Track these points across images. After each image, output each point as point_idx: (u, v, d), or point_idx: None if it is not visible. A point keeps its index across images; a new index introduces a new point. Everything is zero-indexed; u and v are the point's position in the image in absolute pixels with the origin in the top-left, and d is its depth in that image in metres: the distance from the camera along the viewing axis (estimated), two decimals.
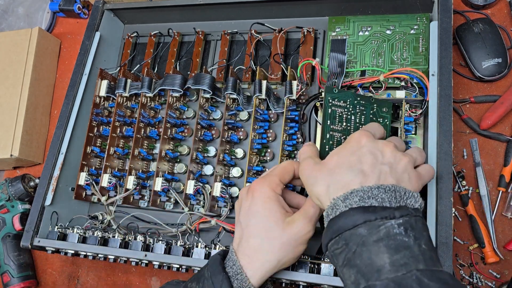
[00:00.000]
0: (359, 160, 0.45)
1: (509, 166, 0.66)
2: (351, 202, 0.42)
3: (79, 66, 0.79)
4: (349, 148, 0.47)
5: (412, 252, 0.39)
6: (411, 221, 0.41)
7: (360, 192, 0.42)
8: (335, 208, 0.43)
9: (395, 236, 0.40)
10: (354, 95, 0.57)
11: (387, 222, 0.40)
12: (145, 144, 0.74)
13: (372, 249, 0.40)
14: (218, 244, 0.63)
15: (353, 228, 0.41)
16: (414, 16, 0.68)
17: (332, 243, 0.43)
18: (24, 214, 0.83)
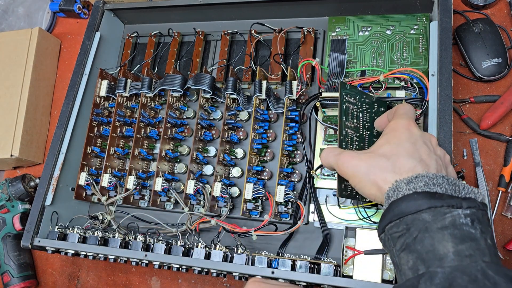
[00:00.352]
0: (415, 149, 0.45)
1: (509, 166, 0.66)
2: (415, 186, 0.41)
3: (79, 66, 0.79)
4: (401, 136, 0.46)
5: (478, 245, 0.38)
6: (478, 213, 0.39)
7: (426, 178, 0.41)
8: (397, 191, 0.42)
9: (461, 226, 0.38)
10: (361, 92, 0.56)
11: (454, 210, 0.39)
12: (145, 144, 0.74)
13: (436, 236, 0.38)
14: (218, 244, 0.63)
15: (417, 213, 0.40)
16: (414, 16, 0.69)
17: (391, 226, 0.41)
18: (24, 214, 0.83)
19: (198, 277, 0.73)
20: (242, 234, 0.64)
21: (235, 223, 0.65)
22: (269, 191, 0.65)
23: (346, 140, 0.54)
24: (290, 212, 0.64)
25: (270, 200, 0.64)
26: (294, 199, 0.63)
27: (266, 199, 0.66)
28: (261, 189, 0.64)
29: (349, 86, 0.56)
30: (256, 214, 0.65)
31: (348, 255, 0.57)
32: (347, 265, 0.57)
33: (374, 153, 0.46)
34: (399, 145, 0.45)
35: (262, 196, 0.66)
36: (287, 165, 0.67)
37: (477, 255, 0.37)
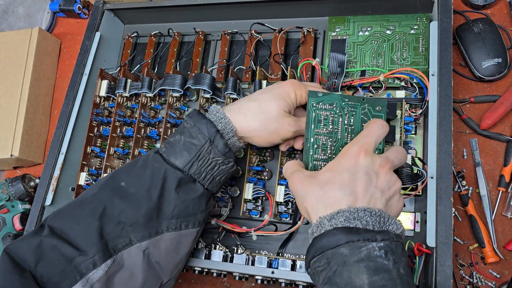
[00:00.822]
0: (352, 180, 0.45)
1: (509, 166, 0.66)
2: (336, 222, 0.43)
3: (79, 66, 0.79)
4: (344, 164, 0.47)
5: (390, 275, 0.40)
6: (391, 245, 0.42)
7: (347, 213, 0.43)
8: (321, 227, 0.44)
9: (376, 258, 0.41)
10: (341, 97, 0.55)
11: (369, 244, 0.41)
12: (145, 144, 0.74)
13: (352, 269, 0.41)
14: (218, 244, 0.63)
15: (336, 247, 0.42)
16: (414, 16, 0.69)
17: (314, 261, 0.44)
18: (24, 214, 0.83)
19: (198, 277, 0.73)
20: (242, 234, 0.64)
21: (235, 223, 0.65)
22: (269, 191, 0.65)
23: (315, 147, 0.54)
24: (290, 212, 0.64)
25: (270, 200, 0.64)
26: (294, 199, 0.63)
27: (266, 199, 0.66)
28: (261, 189, 0.64)
29: (322, 94, 0.55)
30: (256, 214, 0.65)
31: None
32: None
33: (314, 179, 0.47)
34: (338, 175, 0.46)
35: (262, 196, 0.66)
36: None
37: (389, 285, 0.40)
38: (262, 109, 0.55)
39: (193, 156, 0.53)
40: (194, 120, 0.54)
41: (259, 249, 0.65)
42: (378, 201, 0.45)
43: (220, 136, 0.53)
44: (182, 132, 0.54)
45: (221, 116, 0.54)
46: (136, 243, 0.52)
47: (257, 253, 0.63)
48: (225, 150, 0.54)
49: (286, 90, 0.56)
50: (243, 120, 0.55)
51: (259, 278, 0.60)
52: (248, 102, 0.56)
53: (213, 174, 0.55)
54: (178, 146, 0.54)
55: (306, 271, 0.46)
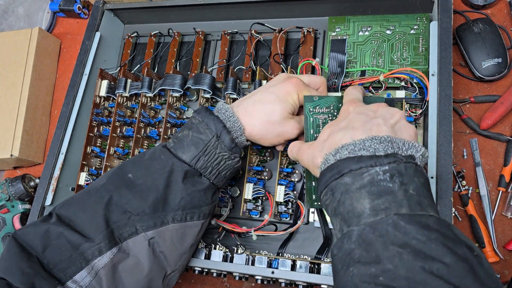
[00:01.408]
0: (349, 122, 0.46)
1: (509, 166, 0.66)
2: (340, 155, 0.43)
3: (79, 66, 0.79)
4: (339, 118, 0.49)
5: (394, 197, 0.39)
6: (399, 167, 0.40)
7: (351, 146, 0.43)
8: (326, 163, 0.44)
9: (379, 182, 0.40)
10: (337, 99, 0.56)
11: (371, 169, 0.40)
12: (145, 144, 0.74)
13: (354, 195, 0.40)
14: (218, 244, 0.63)
15: (339, 178, 0.42)
16: (414, 16, 0.69)
17: (323, 195, 0.44)
18: (24, 214, 0.83)
19: (198, 277, 0.73)
20: (242, 234, 0.64)
21: (235, 223, 0.65)
22: (269, 191, 0.65)
23: None
24: (290, 212, 0.64)
25: (270, 200, 0.64)
26: (294, 199, 0.63)
27: (266, 199, 0.66)
28: (261, 189, 0.64)
29: (318, 98, 0.56)
30: (256, 214, 0.65)
31: None
32: None
33: (317, 141, 0.49)
34: (336, 126, 0.47)
35: (262, 196, 0.66)
36: (287, 165, 0.67)
37: (392, 207, 0.38)
38: (267, 112, 0.56)
39: (200, 150, 0.54)
40: (202, 116, 0.55)
41: (259, 249, 0.65)
42: (382, 127, 0.44)
43: (227, 131, 0.54)
44: (190, 128, 0.55)
45: (230, 114, 0.55)
46: (141, 232, 0.53)
47: (257, 253, 0.63)
48: (231, 145, 0.55)
49: (290, 92, 0.56)
50: (249, 123, 0.56)
51: (259, 278, 0.60)
52: (254, 105, 0.57)
53: (219, 168, 0.56)
54: (185, 141, 0.55)
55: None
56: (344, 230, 0.40)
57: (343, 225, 0.41)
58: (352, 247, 0.38)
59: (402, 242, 0.36)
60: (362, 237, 0.38)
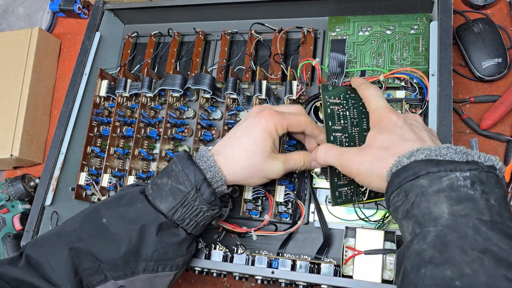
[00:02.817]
0: (404, 132, 0.46)
1: (509, 166, 0.66)
2: (416, 158, 0.42)
3: (79, 66, 0.79)
4: (385, 125, 0.48)
5: (475, 205, 0.37)
6: (481, 176, 0.38)
7: (427, 150, 0.42)
8: (399, 165, 0.43)
9: (459, 188, 0.38)
10: (345, 89, 0.56)
11: (451, 174, 0.39)
12: (145, 144, 0.74)
13: (431, 199, 0.38)
14: (218, 244, 0.63)
15: (415, 179, 0.40)
16: (414, 16, 0.69)
17: (393, 196, 0.42)
18: (24, 214, 0.83)
19: (198, 277, 0.73)
20: (242, 234, 0.64)
21: (235, 223, 0.65)
22: (269, 191, 0.65)
23: (336, 144, 0.54)
24: (290, 212, 0.64)
25: (270, 200, 0.64)
26: (294, 199, 0.63)
27: (266, 199, 0.66)
28: (261, 189, 0.64)
29: (331, 87, 0.55)
30: (256, 214, 0.65)
31: (348, 255, 0.57)
32: (347, 265, 0.57)
33: (372, 147, 0.48)
34: (390, 133, 0.47)
35: (262, 196, 0.66)
36: None
37: (473, 214, 0.37)
38: (248, 157, 0.54)
39: (178, 202, 0.52)
40: (182, 164, 0.53)
41: (259, 249, 0.65)
42: (436, 141, 0.45)
43: (207, 184, 0.52)
44: (170, 176, 0.53)
45: (211, 164, 0.53)
46: (110, 279, 0.52)
47: (257, 253, 0.63)
48: (211, 198, 0.52)
49: (266, 128, 0.54)
50: (231, 171, 0.54)
51: (259, 278, 0.60)
52: (233, 150, 0.54)
53: (197, 220, 0.54)
54: (164, 190, 0.53)
55: (388, 210, 0.46)
56: (417, 231, 0.39)
57: (416, 228, 0.39)
58: (424, 247, 0.37)
59: (483, 247, 0.34)
60: (439, 238, 0.36)
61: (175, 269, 0.54)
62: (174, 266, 0.54)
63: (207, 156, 0.54)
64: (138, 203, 0.53)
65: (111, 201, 0.55)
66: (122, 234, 0.52)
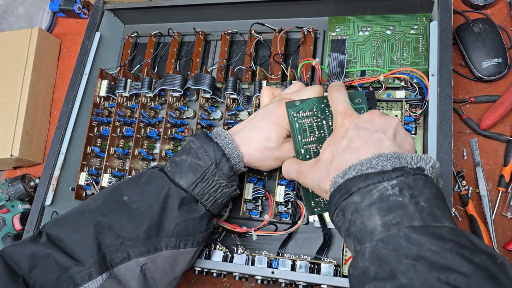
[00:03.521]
0: (350, 141, 0.45)
1: (509, 166, 0.66)
2: (349, 176, 0.42)
3: (79, 66, 0.79)
4: (337, 135, 0.48)
5: (405, 211, 0.38)
6: (407, 180, 0.39)
7: (358, 166, 0.42)
8: (335, 185, 0.43)
9: (388, 197, 0.39)
10: (318, 100, 0.55)
11: (379, 185, 0.40)
12: (145, 144, 0.74)
13: (364, 213, 0.39)
14: (218, 244, 0.63)
15: (348, 197, 0.41)
16: (414, 16, 0.69)
17: (334, 217, 0.43)
18: (24, 214, 0.83)
19: (198, 277, 0.73)
20: (242, 234, 0.64)
21: (235, 223, 0.65)
22: (269, 191, 0.65)
23: (307, 157, 0.55)
24: (290, 212, 0.64)
25: (270, 200, 0.64)
26: (294, 199, 0.63)
27: (266, 199, 0.66)
28: (261, 189, 0.64)
29: (300, 101, 0.55)
30: (256, 214, 0.65)
31: (348, 255, 0.57)
32: (347, 265, 0.57)
33: (321, 160, 0.48)
34: (337, 145, 0.46)
35: (262, 196, 0.66)
36: None
37: (404, 221, 0.38)
38: (263, 139, 0.55)
39: (198, 177, 0.53)
40: (201, 141, 0.54)
41: (259, 249, 0.65)
42: (384, 141, 0.43)
43: (227, 159, 0.54)
44: (188, 153, 0.54)
45: (229, 141, 0.55)
46: (134, 258, 0.52)
47: (257, 253, 0.63)
48: (230, 173, 0.54)
49: (282, 114, 0.56)
50: (246, 151, 0.55)
51: (259, 278, 0.60)
52: (250, 132, 0.56)
53: (215, 196, 0.55)
54: (184, 166, 0.54)
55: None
56: (357, 249, 0.39)
57: (357, 245, 0.40)
58: (366, 264, 0.37)
59: (416, 255, 0.35)
60: (375, 253, 0.37)
61: (195, 245, 0.55)
62: (195, 242, 0.55)
63: (224, 135, 0.55)
64: (158, 179, 0.54)
65: (131, 179, 0.56)
66: (143, 209, 0.52)
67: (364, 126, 0.46)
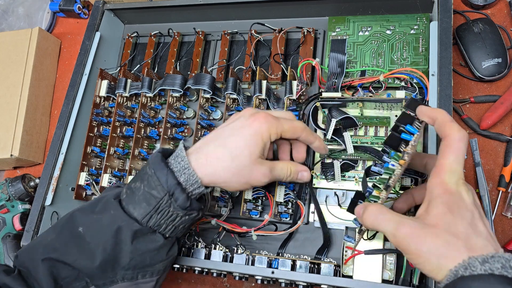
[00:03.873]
0: (476, 220, 0.41)
1: (509, 166, 0.66)
2: (492, 267, 0.37)
3: (79, 66, 0.79)
4: (458, 205, 0.41)
5: None
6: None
7: (502, 259, 0.37)
8: (470, 269, 0.37)
9: None
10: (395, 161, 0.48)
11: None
12: (145, 144, 0.74)
13: None
14: (218, 244, 0.63)
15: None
16: (414, 16, 0.69)
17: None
18: (24, 214, 0.83)
19: (198, 277, 0.73)
20: (242, 234, 0.64)
21: (235, 223, 0.65)
22: (269, 191, 0.65)
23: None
24: (290, 212, 0.64)
25: (270, 200, 0.64)
26: (294, 199, 0.63)
27: (266, 199, 0.66)
28: (261, 189, 0.64)
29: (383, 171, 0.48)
30: (256, 214, 0.65)
31: (348, 255, 0.57)
32: (347, 265, 0.57)
33: (439, 228, 0.40)
34: (463, 219, 0.40)
35: (262, 196, 0.66)
36: None
37: None
38: (232, 157, 0.50)
39: (152, 208, 0.49)
40: (155, 167, 0.49)
41: (259, 249, 0.65)
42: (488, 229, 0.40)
43: (181, 189, 0.49)
44: (143, 179, 0.50)
45: (185, 166, 0.50)
46: (92, 286, 0.51)
47: (257, 253, 0.63)
48: (185, 204, 0.49)
49: (259, 131, 0.50)
50: (210, 171, 0.50)
51: (259, 278, 0.60)
52: (217, 149, 0.51)
53: (174, 224, 0.51)
54: (137, 195, 0.50)
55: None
56: None
57: None
58: None
59: None
60: None
61: (156, 275, 0.53)
62: (154, 272, 0.52)
63: (181, 156, 0.50)
64: (111, 209, 0.51)
65: (87, 206, 0.53)
66: (96, 243, 0.50)
67: (478, 207, 0.42)
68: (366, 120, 0.64)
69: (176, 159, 0.50)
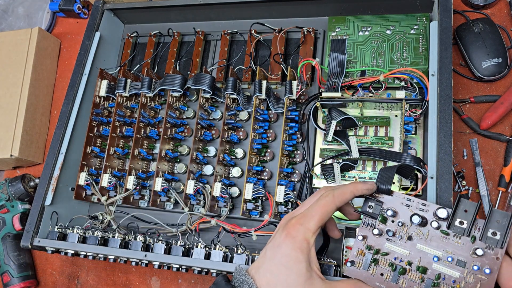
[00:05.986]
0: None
1: (509, 166, 0.66)
2: None
3: (79, 66, 0.79)
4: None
5: None
6: None
7: None
8: None
9: None
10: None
11: None
12: (145, 144, 0.74)
13: None
14: (218, 244, 0.63)
15: None
16: (414, 16, 0.68)
17: None
18: (24, 214, 0.83)
19: (198, 277, 0.73)
20: (242, 234, 0.64)
21: (235, 223, 0.65)
22: (269, 191, 0.65)
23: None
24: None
25: (270, 200, 0.64)
26: (294, 199, 0.63)
27: (266, 199, 0.66)
28: (261, 189, 0.64)
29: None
30: (256, 214, 0.65)
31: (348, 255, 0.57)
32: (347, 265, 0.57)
33: None
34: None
35: (262, 196, 0.66)
36: (287, 165, 0.67)
37: None
38: (288, 284, 0.46)
39: None
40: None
41: (259, 249, 0.65)
42: None
43: None
44: None
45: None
46: None
47: (257, 253, 0.63)
48: None
49: (295, 245, 0.46)
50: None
51: None
52: (270, 276, 0.47)
53: None
54: None
55: None
56: None
57: None
58: None
59: None
60: None
61: None
62: None
63: (249, 283, 0.47)
64: None
65: None
66: None
67: None
68: (366, 120, 0.64)
69: (243, 285, 0.48)
